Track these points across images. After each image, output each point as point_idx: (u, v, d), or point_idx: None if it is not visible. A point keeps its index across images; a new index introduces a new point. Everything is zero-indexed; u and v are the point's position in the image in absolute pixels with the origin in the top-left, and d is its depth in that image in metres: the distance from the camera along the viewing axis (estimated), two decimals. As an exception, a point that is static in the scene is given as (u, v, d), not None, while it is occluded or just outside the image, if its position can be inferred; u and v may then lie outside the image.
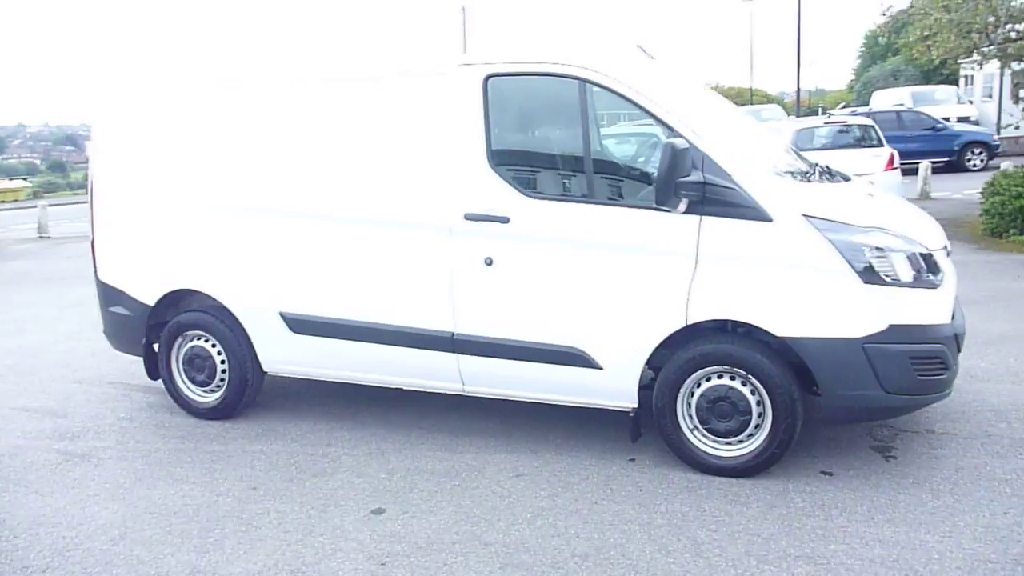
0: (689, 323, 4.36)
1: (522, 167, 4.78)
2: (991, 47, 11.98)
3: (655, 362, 4.55)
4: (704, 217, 4.29)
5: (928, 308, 4.25)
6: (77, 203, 33.52)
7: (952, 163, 21.77)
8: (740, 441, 4.42)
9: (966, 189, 17.17)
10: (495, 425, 5.33)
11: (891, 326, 4.14)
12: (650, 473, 4.55)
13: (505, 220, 4.62)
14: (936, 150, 21.14)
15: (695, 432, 4.50)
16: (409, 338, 4.98)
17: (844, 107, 38.62)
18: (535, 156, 4.95)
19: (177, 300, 5.72)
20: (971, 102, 28.32)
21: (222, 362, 5.60)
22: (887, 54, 64.04)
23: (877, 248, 4.18)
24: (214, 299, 5.50)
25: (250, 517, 4.28)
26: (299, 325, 5.28)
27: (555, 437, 5.11)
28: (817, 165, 5.04)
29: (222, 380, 5.64)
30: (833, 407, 4.29)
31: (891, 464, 4.53)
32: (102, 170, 5.79)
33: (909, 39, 13.61)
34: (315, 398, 6.05)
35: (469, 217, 4.69)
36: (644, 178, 4.70)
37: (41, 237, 18.60)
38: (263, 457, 5.05)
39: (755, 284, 4.24)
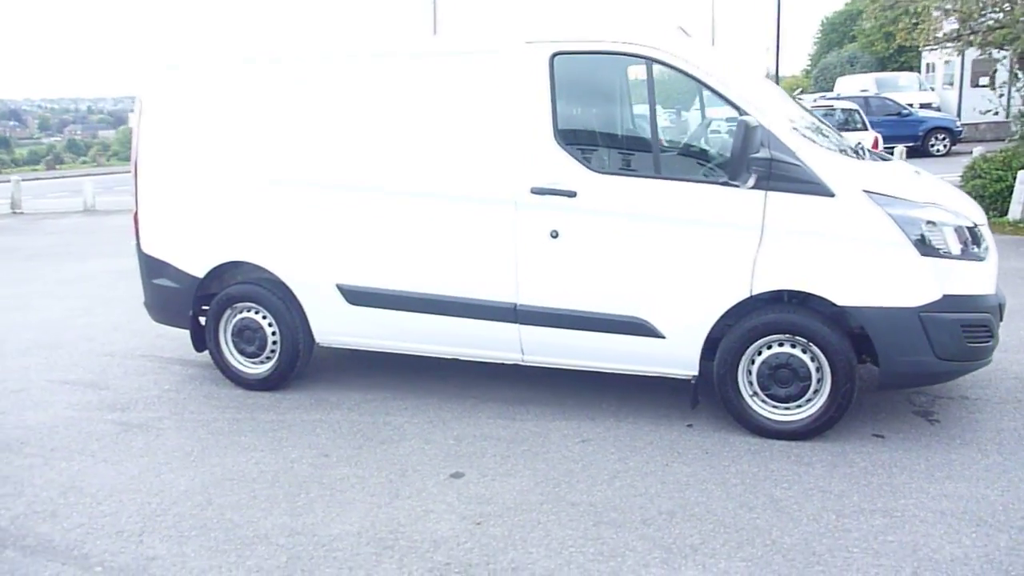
0: (754, 294, 4.56)
1: (588, 143, 4.92)
2: (973, 34, 12.40)
3: (713, 331, 4.74)
4: (769, 192, 4.48)
5: (976, 279, 4.51)
6: (38, 179, 32.78)
7: (916, 148, 22.42)
8: (799, 406, 4.65)
9: (934, 173, 17.71)
10: (546, 394, 5.50)
11: (945, 296, 4.39)
12: (712, 437, 4.76)
13: (572, 194, 4.76)
14: (902, 135, 21.75)
15: (755, 398, 4.72)
16: (471, 309, 5.11)
17: (800, 93, 39.36)
18: (601, 132, 5.09)
19: (225, 272, 5.76)
20: (933, 89, 29.09)
21: (273, 334, 5.66)
22: (844, 41, 65.11)
23: (931, 222, 4.42)
24: (268, 271, 5.56)
25: (331, 482, 4.38)
26: (357, 297, 5.36)
27: (608, 405, 5.29)
28: (860, 144, 5.27)
29: (272, 352, 5.70)
30: (889, 373, 4.53)
31: (936, 427, 4.80)
32: (148, 144, 5.78)
33: (895, 26, 13.99)
34: (357, 369, 6.15)
35: (536, 191, 4.82)
36: (704, 154, 4.87)
37: (15, 213, 18.20)
38: (324, 426, 5.14)
39: (818, 256, 4.46)
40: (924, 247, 4.39)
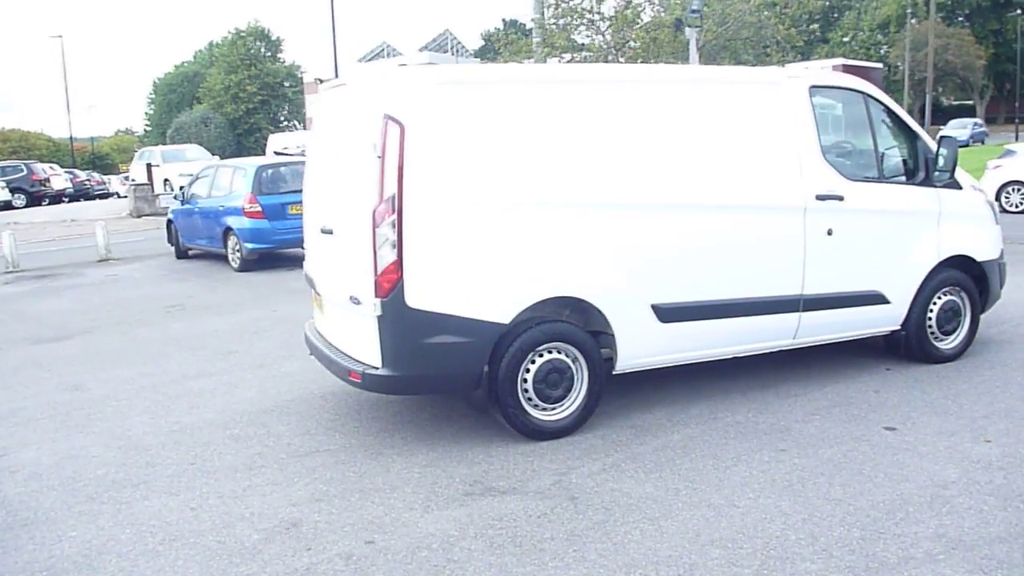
0: (941, 259, 6.44)
1: (841, 157, 6.17)
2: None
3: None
4: (940, 189, 6.43)
5: (1001, 238, 7.15)
6: None
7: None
8: (954, 337, 6.66)
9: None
10: (771, 378, 6.36)
11: (1001, 249, 6.95)
12: (919, 368, 6.42)
13: (841, 198, 5.96)
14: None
15: (934, 335, 6.58)
16: (767, 306, 5.81)
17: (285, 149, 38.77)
18: (845, 148, 6.32)
19: (527, 314, 5.15)
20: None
21: (577, 371, 5.32)
22: (192, 102, 66.44)
23: (992, 203, 6.94)
24: (588, 303, 5.24)
25: (815, 466, 4.81)
26: (670, 314, 5.49)
27: (817, 371, 6.46)
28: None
29: (576, 392, 5.34)
30: (989, 302, 6.89)
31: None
32: (419, 175, 4.80)
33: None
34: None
35: (819, 197, 5.87)
36: (898, 162, 6.51)
37: None
38: (704, 439, 5.22)
39: (965, 229, 6.58)
40: (996, 218, 6.87)
